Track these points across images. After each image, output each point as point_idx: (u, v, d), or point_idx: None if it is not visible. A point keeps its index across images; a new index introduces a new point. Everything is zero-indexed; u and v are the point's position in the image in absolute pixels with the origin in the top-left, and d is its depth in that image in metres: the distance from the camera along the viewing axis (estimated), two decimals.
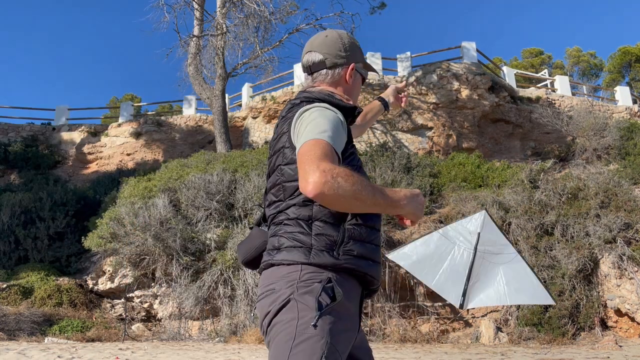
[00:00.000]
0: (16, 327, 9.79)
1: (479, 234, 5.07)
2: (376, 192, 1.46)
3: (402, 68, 18.13)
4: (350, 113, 1.66)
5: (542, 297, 5.06)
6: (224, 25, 16.61)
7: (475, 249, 4.98)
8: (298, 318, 1.41)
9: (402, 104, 2.25)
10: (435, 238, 5.24)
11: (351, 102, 1.74)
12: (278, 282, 1.49)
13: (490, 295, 5.01)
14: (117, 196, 12.84)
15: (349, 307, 1.51)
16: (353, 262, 1.50)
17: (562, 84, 20.70)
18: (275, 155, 1.63)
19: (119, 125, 20.97)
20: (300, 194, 1.52)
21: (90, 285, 11.85)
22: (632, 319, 9.24)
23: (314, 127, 1.48)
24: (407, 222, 1.63)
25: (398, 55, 18.34)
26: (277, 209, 1.59)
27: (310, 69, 1.76)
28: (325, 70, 1.74)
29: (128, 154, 20.18)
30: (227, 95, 19.16)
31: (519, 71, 24.51)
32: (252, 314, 9.97)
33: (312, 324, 1.38)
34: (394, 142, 16.73)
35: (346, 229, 1.50)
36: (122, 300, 11.44)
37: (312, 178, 1.35)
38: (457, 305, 5.02)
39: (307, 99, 1.65)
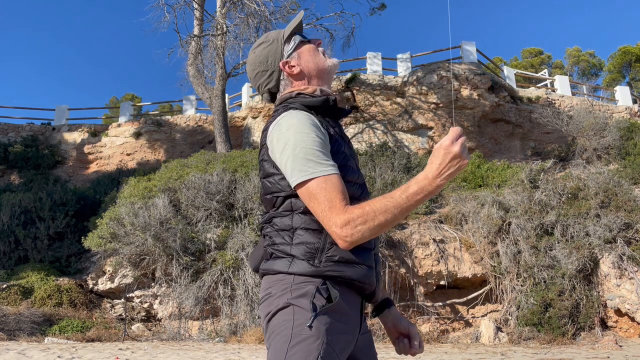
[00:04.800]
0: (16, 327, 9.78)
1: None
2: (394, 202, 1.38)
3: (402, 68, 18.15)
4: (323, 107, 1.57)
5: None
6: (224, 25, 16.62)
7: None
8: (293, 320, 1.40)
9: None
10: None
11: (318, 92, 1.62)
12: (274, 286, 1.49)
13: None
14: (117, 196, 12.83)
15: (346, 309, 1.49)
16: (335, 268, 1.44)
17: (562, 83, 20.70)
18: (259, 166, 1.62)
19: (119, 125, 20.99)
20: (281, 204, 1.51)
21: (90, 285, 11.85)
22: (632, 319, 9.25)
23: (297, 158, 1.42)
24: None
25: (398, 55, 18.37)
26: (264, 219, 1.59)
27: (269, 91, 1.71)
28: (275, 83, 1.69)
29: (128, 154, 20.19)
30: (227, 95, 19.16)
31: (519, 71, 24.52)
32: (252, 314, 9.97)
33: (307, 325, 1.38)
34: (394, 142, 16.74)
35: (328, 235, 1.44)
36: (122, 300, 11.43)
37: (339, 233, 1.38)
38: None
39: (283, 107, 1.61)
